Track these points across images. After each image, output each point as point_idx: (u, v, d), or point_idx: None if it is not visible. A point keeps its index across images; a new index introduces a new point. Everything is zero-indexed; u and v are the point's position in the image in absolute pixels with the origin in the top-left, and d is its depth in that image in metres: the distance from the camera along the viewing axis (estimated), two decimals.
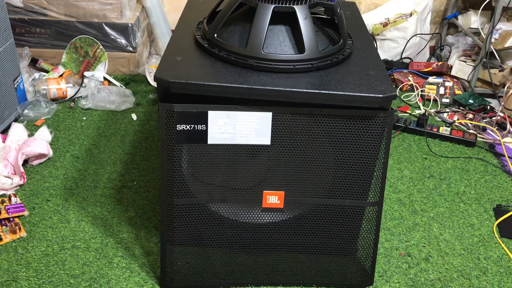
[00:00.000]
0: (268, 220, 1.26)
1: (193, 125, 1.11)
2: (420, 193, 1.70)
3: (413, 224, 1.56)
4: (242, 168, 1.19)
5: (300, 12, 1.13)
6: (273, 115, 1.12)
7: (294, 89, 1.08)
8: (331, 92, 1.08)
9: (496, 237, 1.53)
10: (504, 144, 1.92)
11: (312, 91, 1.08)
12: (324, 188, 1.21)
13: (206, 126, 1.12)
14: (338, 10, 1.21)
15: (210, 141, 1.14)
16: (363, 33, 1.39)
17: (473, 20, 2.48)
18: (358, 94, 1.08)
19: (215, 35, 1.19)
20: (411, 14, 2.47)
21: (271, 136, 1.14)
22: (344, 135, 1.14)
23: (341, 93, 1.08)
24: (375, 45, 2.55)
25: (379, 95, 1.08)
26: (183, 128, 1.11)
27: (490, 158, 1.91)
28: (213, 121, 1.11)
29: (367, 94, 1.08)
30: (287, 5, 1.13)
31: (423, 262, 1.42)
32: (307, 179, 1.20)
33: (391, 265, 1.40)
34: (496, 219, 1.59)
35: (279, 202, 1.22)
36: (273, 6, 1.12)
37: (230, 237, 1.27)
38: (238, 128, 1.13)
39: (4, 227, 1.41)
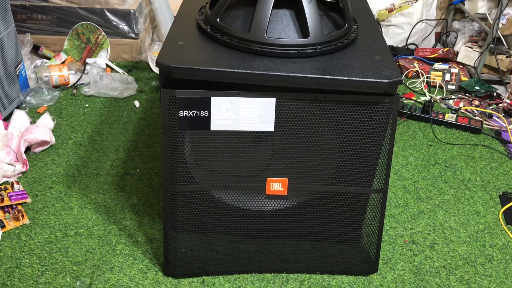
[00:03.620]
0: (271, 207, 1.25)
1: (195, 111, 1.10)
2: (425, 180, 1.68)
3: (418, 211, 1.54)
4: (246, 155, 1.18)
5: None
6: (276, 101, 1.10)
7: (298, 74, 1.06)
8: (335, 77, 1.06)
9: (502, 225, 1.51)
10: (510, 131, 1.89)
11: (317, 76, 1.06)
12: (328, 175, 1.20)
13: (209, 112, 1.10)
14: None
15: (213, 127, 1.12)
16: (368, 17, 1.36)
17: (480, 5, 2.44)
18: (364, 79, 1.06)
19: (218, 19, 1.17)
20: (416, 0, 2.43)
21: (275, 123, 1.13)
22: (349, 121, 1.12)
23: (346, 78, 1.06)
24: (381, 31, 2.52)
25: (385, 80, 1.06)
26: (185, 115, 1.10)
27: (496, 145, 1.89)
28: (216, 107, 1.10)
29: (373, 79, 1.06)
30: None
31: (428, 249, 1.41)
32: (311, 166, 1.19)
33: (395, 253, 1.39)
34: (502, 207, 1.58)
35: (282, 189, 1.21)
36: None
37: (234, 224, 1.26)
38: (241, 114, 1.11)
39: (7, 214, 1.41)
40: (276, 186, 1.21)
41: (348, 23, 1.21)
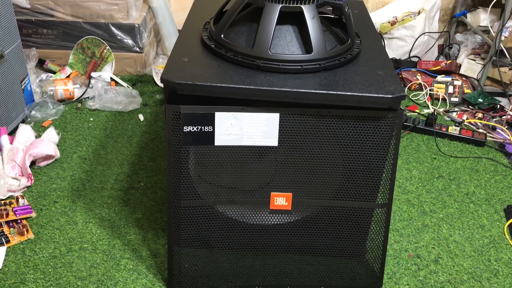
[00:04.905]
0: (275, 222, 1.24)
1: (200, 127, 1.10)
2: (429, 193, 1.68)
3: (422, 225, 1.54)
4: (250, 170, 1.18)
5: (308, 12, 1.12)
6: (280, 116, 1.11)
7: (302, 90, 1.07)
8: (339, 92, 1.06)
9: (507, 238, 1.51)
10: None
11: (320, 91, 1.06)
12: (332, 190, 1.20)
13: (213, 128, 1.11)
14: (346, 9, 1.20)
15: (217, 142, 1.13)
16: (371, 32, 1.37)
17: (482, 18, 2.45)
18: (367, 94, 1.06)
19: (222, 35, 1.18)
20: (419, 12, 2.45)
21: (279, 138, 1.13)
22: (353, 136, 1.12)
23: (349, 93, 1.06)
24: (383, 44, 2.53)
25: (388, 96, 1.06)
26: (190, 130, 1.10)
27: (500, 158, 1.89)
28: (220, 122, 1.10)
29: (376, 95, 1.06)
30: (295, 5, 1.12)
31: (432, 264, 1.40)
32: (315, 181, 1.19)
33: (400, 267, 1.38)
34: (507, 220, 1.57)
35: (286, 204, 1.21)
36: (281, 6, 1.11)
37: (238, 239, 1.26)
38: (245, 129, 1.12)
39: (12, 229, 1.41)
40: (280, 200, 1.21)
41: (351, 38, 1.22)
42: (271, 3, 1.12)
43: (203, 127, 1.11)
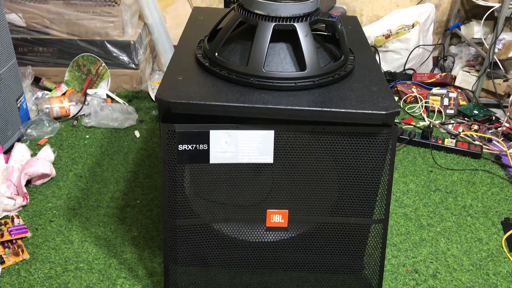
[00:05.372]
0: (272, 239, 1.24)
1: (195, 145, 1.10)
2: (426, 207, 1.68)
3: (419, 239, 1.53)
4: (245, 187, 1.18)
5: (301, 30, 1.12)
6: (275, 133, 1.11)
7: (296, 107, 1.07)
8: (333, 109, 1.07)
9: (505, 252, 1.50)
10: (510, 155, 1.90)
11: (314, 109, 1.07)
12: (328, 206, 1.20)
13: (208, 146, 1.11)
14: (339, 26, 1.21)
15: (212, 160, 1.13)
16: (364, 47, 1.38)
17: (475, 30, 2.47)
18: (361, 111, 1.06)
19: (216, 53, 1.19)
20: (413, 25, 2.47)
21: (274, 154, 1.13)
22: (348, 152, 1.12)
23: (343, 110, 1.07)
24: (378, 57, 2.54)
25: (382, 112, 1.06)
26: (184, 148, 1.10)
27: (497, 170, 1.89)
28: (215, 140, 1.10)
29: (370, 111, 1.06)
30: (288, 23, 1.12)
31: (430, 278, 1.39)
32: (311, 197, 1.19)
33: (398, 282, 1.38)
34: (505, 233, 1.57)
35: (283, 221, 1.21)
36: (274, 24, 1.12)
37: (234, 257, 1.25)
38: (240, 147, 1.11)
39: (6, 249, 1.40)
40: (277, 218, 1.20)
41: (345, 54, 1.22)
42: (264, 22, 1.12)
43: (198, 145, 1.11)
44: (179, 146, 1.10)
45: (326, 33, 1.32)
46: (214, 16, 1.53)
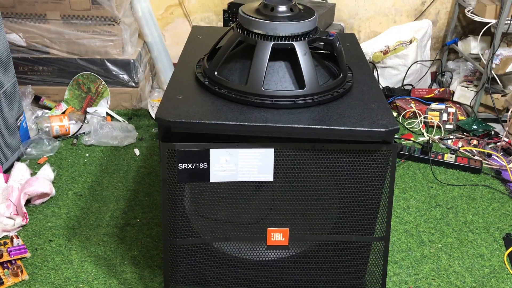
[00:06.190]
0: (273, 258, 1.23)
1: (195, 164, 1.10)
2: (427, 223, 1.67)
3: (421, 256, 1.52)
4: (246, 205, 1.17)
5: (300, 48, 1.13)
6: (275, 151, 1.11)
7: (296, 125, 1.07)
8: (332, 127, 1.07)
9: (507, 268, 1.49)
10: (510, 170, 1.90)
11: (314, 126, 1.07)
12: (329, 224, 1.19)
13: (208, 164, 1.11)
14: (337, 45, 1.22)
15: (212, 179, 1.13)
16: (363, 65, 1.39)
17: (473, 45, 2.49)
18: (360, 128, 1.07)
19: (216, 72, 1.19)
20: (411, 41, 2.48)
21: (274, 172, 1.13)
22: (348, 169, 1.12)
23: (342, 128, 1.07)
24: (376, 73, 2.56)
25: (382, 129, 1.07)
26: (185, 167, 1.10)
27: (497, 185, 1.89)
28: (215, 159, 1.10)
29: (369, 129, 1.07)
30: (286, 42, 1.13)
31: None
32: (312, 215, 1.18)
33: None
34: (507, 249, 1.56)
35: (283, 239, 1.20)
36: (272, 43, 1.13)
37: (235, 276, 1.25)
38: (240, 165, 1.12)
39: (6, 270, 1.39)
40: (277, 236, 1.20)
41: (343, 72, 1.23)
42: (263, 41, 1.13)
43: (198, 164, 1.11)
44: (179, 165, 1.10)
45: (324, 51, 1.33)
46: (213, 35, 1.55)
